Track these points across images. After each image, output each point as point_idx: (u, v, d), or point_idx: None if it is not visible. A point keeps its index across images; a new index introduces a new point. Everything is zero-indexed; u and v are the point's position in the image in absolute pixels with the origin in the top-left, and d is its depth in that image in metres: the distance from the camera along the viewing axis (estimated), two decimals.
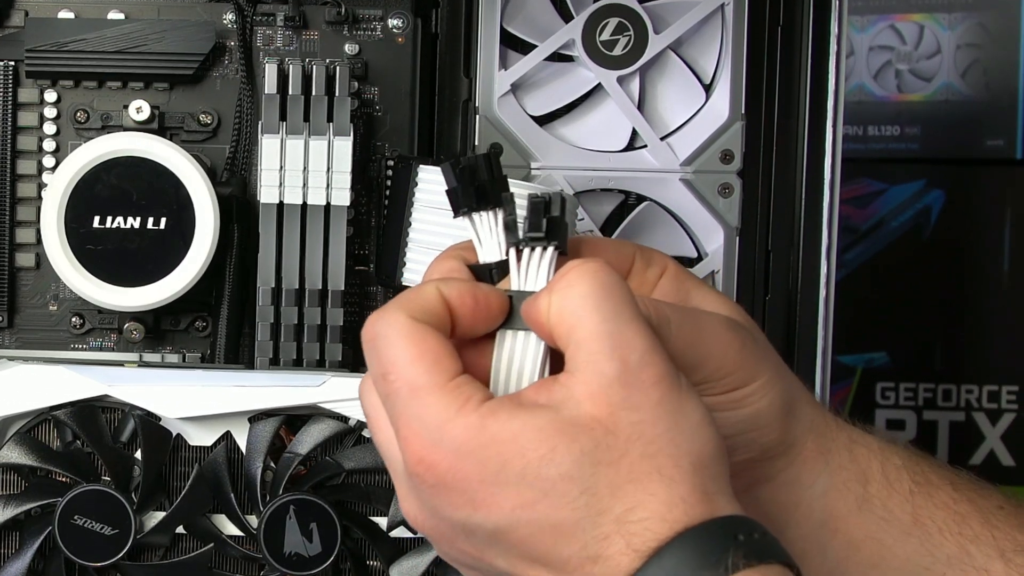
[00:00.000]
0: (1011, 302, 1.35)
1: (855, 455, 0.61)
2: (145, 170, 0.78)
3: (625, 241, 0.62)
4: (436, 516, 0.54)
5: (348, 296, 0.81)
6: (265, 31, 0.82)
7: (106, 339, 0.83)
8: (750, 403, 0.58)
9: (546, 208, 0.55)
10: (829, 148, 0.84)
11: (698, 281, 0.61)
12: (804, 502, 0.61)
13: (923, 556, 0.60)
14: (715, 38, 0.83)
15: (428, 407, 0.52)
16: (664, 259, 0.61)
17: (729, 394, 0.58)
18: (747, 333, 0.58)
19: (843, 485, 0.61)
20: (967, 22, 1.39)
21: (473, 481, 0.51)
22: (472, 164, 0.57)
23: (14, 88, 0.81)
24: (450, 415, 0.52)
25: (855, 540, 0.61)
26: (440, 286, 0.54)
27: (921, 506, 0.60)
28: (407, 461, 0.53)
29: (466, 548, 0.54)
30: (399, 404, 0.53)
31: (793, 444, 0.60)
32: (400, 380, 0.53)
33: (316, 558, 0.73)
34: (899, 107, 1.40)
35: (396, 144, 0.83)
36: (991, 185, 1.36)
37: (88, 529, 0.72)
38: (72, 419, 0.73)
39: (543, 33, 0.82)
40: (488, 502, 0.51)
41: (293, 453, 0.74)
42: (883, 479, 0.61)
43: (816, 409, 0.61)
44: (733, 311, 0.60)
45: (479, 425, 0.51)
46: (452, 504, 0.52)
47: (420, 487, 0.53)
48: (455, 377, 0.53)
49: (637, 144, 0.83)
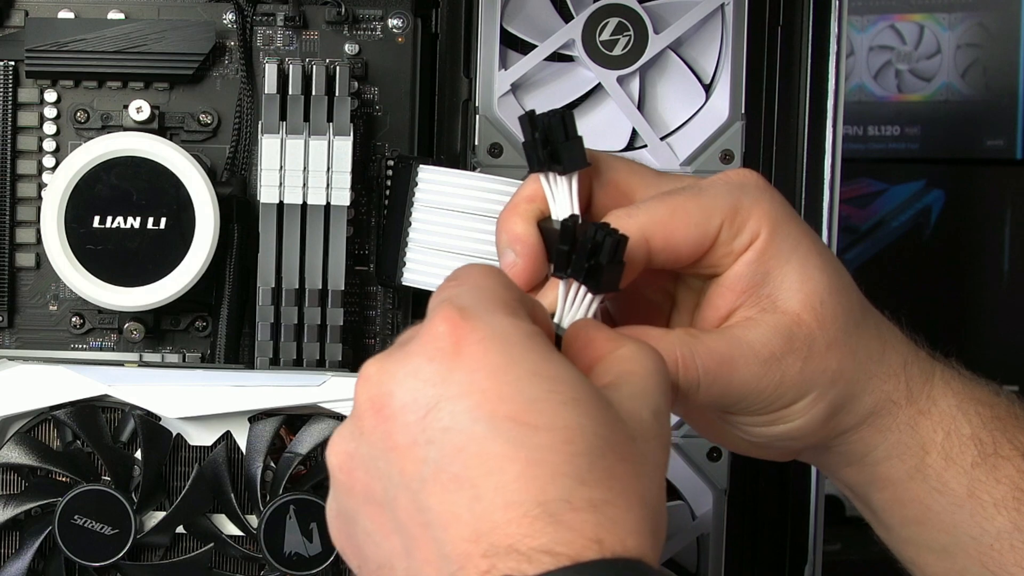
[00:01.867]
0: (1011, 302, 1.35)
1: (918, 428, 0.60)
2: (145, 170, 0.78)
3: (716, 204, 0.57)
4: (406, 378, 0.47)
5: (348, 296, 0.81)
6: (265, 31, 0.82)
7: (106, 339, 0.83)
8: (784, 422, 0.58)
9: (593, 251, 0.52)
10: (829, 148, 0.84)
11: (787, 252, 0.57)
12: (855, 464, 0.61)
13: (972, 527, 0.59)
14: (715, 38, 0.83)
15: (489, 290, 0.49)
16: (758, 224, 0.57)
17: (759, 417, 0.58)
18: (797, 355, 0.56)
19: (898, 457, 0.60)
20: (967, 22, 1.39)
21: (489, 367, 0.46)
22: (548, 122, 0.54)
23: (14, 88, 0.81)
24: (505, 310, 0.48)
25: (903, 500, 0.60)
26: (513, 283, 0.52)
27: (980, 480, 0.59)
28: (433, 316, 0.48)
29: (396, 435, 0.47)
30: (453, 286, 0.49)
31: (841, 433, 0.60)
32: (465, 277, 0.50)
33: (316, 558, 0.73)
34: (899, 107, 1.40)
35: (396, 144, 0.83)
36: (991, 185, 1.36)
37: (88, 529, 0.72)
38: (72, 419, 0.73)
39: (543, 33, 0.82)
40: (485, 395, 0.46)
41: (293, 453, 0.74)
42: (943, 451, 0.59)
43: (882, 394, 0.59)
44: (806, 304, 0.57)
45: (533, 332, 0.48)
46: (447, 374, 0.47)
47: (424, 343, 0.48)
48: (527, 307, 0.50)
49: (637, 144, 0.83)
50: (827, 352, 0.57)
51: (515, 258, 0.55)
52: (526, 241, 0.55)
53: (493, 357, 0.47)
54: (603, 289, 0.53)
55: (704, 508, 0.84)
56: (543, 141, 0.54)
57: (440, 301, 0.49)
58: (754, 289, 0.57)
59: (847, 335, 0.58)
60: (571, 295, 0.53)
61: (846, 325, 0.58)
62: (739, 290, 0.57)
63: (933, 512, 0.60)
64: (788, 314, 0.57)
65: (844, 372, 0.58)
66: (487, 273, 0.50)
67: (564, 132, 0.54)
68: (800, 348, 0.57)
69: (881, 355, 0.60)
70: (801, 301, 0.57)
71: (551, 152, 0.54)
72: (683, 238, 0.57)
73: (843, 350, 0.58)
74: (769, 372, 0.56)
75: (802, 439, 0.59)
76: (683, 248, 0.57)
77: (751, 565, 0.85)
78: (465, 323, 0.47)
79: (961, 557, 0.60)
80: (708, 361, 0.55)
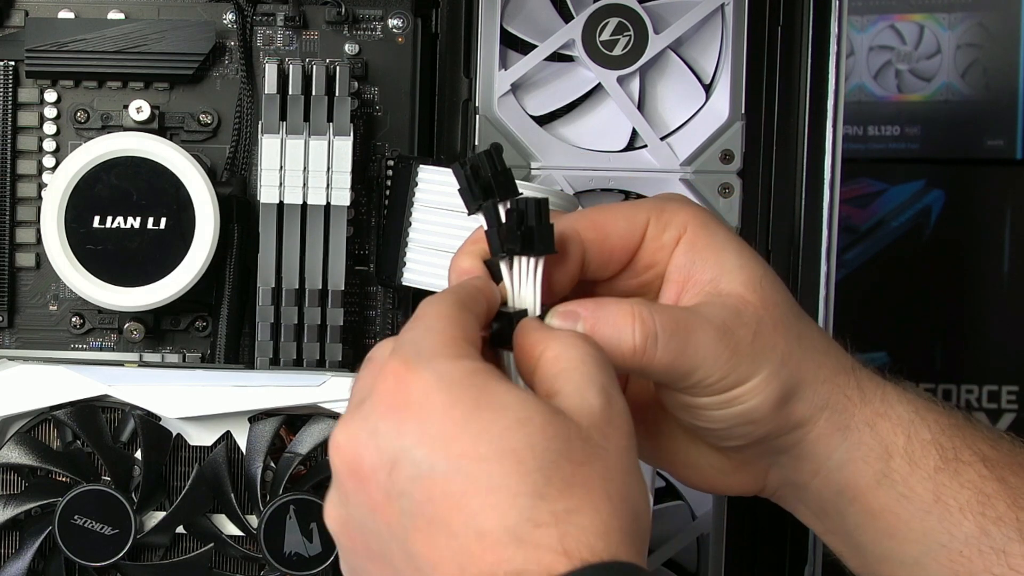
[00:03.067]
0: (1011, 302, 1.35)
1: (878, 430, 0.60)
2: (145, 170, 0.78)
3: (640, 204, 0.61)
4: (368, 440, 0.50)
5: (348, 296, 0.81)
6: (265, 31, 0.82)
7: (106, 339, 0.83)
8: (740, 403, 0.59)
9: (520, 219, 0.55)
10: (829, 148, 0.84)
11: (718, 248, 0.60)
12: (822, 472, 0.61)
13: (941, 534, 0.60)
14: (715, 38, 0.83)
15: (430, 335, 0.51)
16: (683, 222, 0.60)
17: (716, 397, 0.58)
18: (747, 329, 0.58)
19: (862, 460, 0.60)
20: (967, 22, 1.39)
21: (435, 410, 0.49)
22: (476, 162, 0.57)
23: (14, 88, 0.81)
24: (448, 353, 0.51)
25: (873, 510, 0.61)
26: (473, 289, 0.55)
27: (945, 484, 0.60)
28: (382, 370, 0.51)
29: (373, 494, 0.50)
30: (406, 330, 0.52)
31: (799, 425, 0.60)
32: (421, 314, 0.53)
33: (316, 558, 0.73)
34: (899, 107, 1.40)
35: (396, 144, 0.83)
36: (991, 185, 1.36)
37: (88, 529, 0.72)
38: (72, 419, 0.73)
39: (543, 33, 0.82)
40: (438, 440, 0.49)
41: (293, 453, 0.74)
42: (906, 455, 0.60)
43: (834, 387, 0.60)
44: (748, 285, 0.59)
45: (472, 370, 0.51)
46: (398, 428, 0.50)
47: (376, 402, 0.50)
48: (473, 341, 0.52)
49: (637, 144, 0.83)
50: (774, 331, 0.59)
51: None
52: (472, 273, 0.58)
53: (437, 402, 0.50)
54: (541, 250, 0.56)
55: (704, 508, 0.84)
56: (476, 179, 0.57)
57: (390, 352, 0.52)
58: (695, 277, 0.60)
59: (789, 320, 0.60)
60: (516, 276, 0.56)
61: (787, 312, 0.60)
62: (681, 280, 0.60)
63: (903, 521, 0.60)
64: (732, 295, 0.59)
65: (792, 354, 0.59)
66: (438, 313, 0.53)
67: (493, 166, 0.57)
68: (749, 323, 0.58)
69: (827, 350, 0.61)
70: (743, 283, 0.59)
71: (484, 188, 0.57)
72: (613, 230, 0.60)
73: (788, 333, 0.60)
74: (723, 339, 0.58)
75: (760, 423, 0.59)
76: (615, 241, 0.60)
77: (751, 565, 0.85)
78: (409, 374, 0.50)
79: (933, 567, 0.60)
80: (665, 320, 0.57)
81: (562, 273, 0.59)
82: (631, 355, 0.56)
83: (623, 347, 0.56)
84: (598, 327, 0.56)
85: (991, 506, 0.60)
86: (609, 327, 0.56)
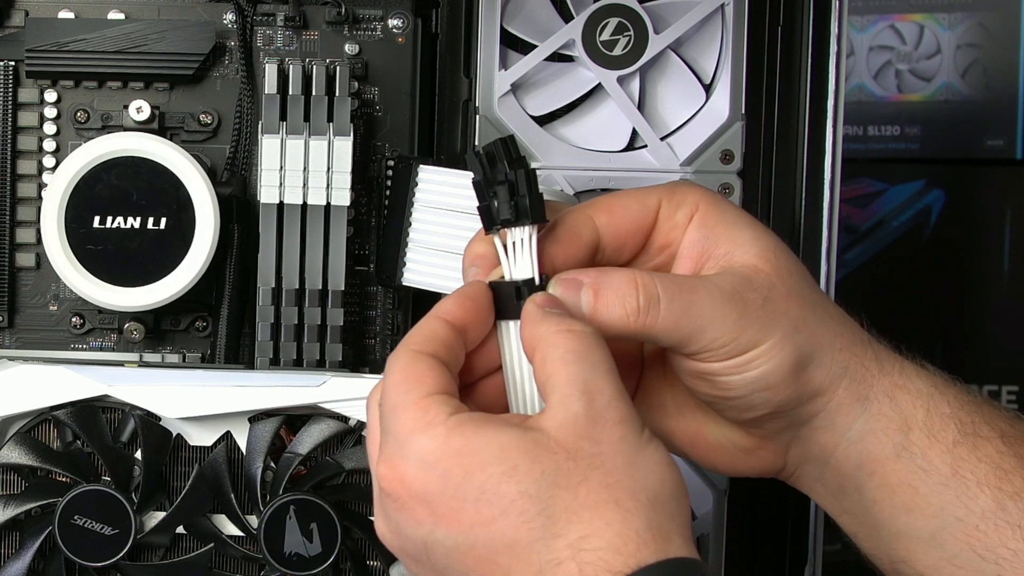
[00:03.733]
0: (1011, 302, 1.35)
1: (897, 401, 0.61)
2: (145, 170, 0.78)
3: (652, 188, 0.62)
4: (401, 535, 0.55)
5: (348, 296, 0.81)
6: (265, 31, 0.82)
7: (106, 339, 0.83)
8: (755, 367, 0.59)
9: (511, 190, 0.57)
10: (829, 148, 0.84)
11: (731, 223, 0.61)
12: (842, 445, 0.61)
13: (957, 507, 0.60)
14: (715, 38, 0.83)
15: (400, 422, 0.54)
16: (695, 201, 0.61)
17: (729, 360, 0.59)
18: (757, 295, 0.59)
19: (882, 431, 0.61)
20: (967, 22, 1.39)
21: (435, 494, 0.52)
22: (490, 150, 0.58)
23: (14, 88, 0.81)
24: (418, 427, 0.53)
25: (891, 484, 0.61)
26: (438, 310, 0.57)
27: (963, 458, 0.60)
28: (378, 474, 0.55)
29: (427, 571, 0.54)
30: (383, 423, 0.55)
31: (818, 394, 0.60)
32: (385, 402, 0.55)
33: (316, 558, 0.73)
34: (899, 107, 1.40)
35: (396, 144, 0.83)
36: (991, 185, 1.36)
37: (88, 529, 0.72)
38: (72, 419, 0.73)
39: (543, 33, 0.82)
40: (448, 517, 0.52)
41: (293, 453, 0.74)
42: (926, 428, 0.61)
43: (852, 355, 0.61)
44: (761, 256, 0.60)
45: (445, 436, 0.53)
46: (415, 519, 0.53)
47: (387, 502, 0.54)
48: (433, 394, 0.54)
49: (637, 144, 0.83)
50: (787, 298, 0.60)
51: (476, 270, 0.60)
52: (485, 257, 0.60)
53: (432, 486, 0.53)
54: (534, 218, 0.57)
55: (704, 508, 0.84)
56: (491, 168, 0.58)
57: (378, 454, 0.55)
58: (709, 251, 0.60)
59: (804, 289, 0.61)
60: (511, 249, 0.58)
61: (802, 281, 0.61)
62: (695, 256, 0.61)
63: (921, 495, 0.61)
64: (746, 266, 0.60)
65: (807, 320, 0.60)
66: (400, 378, 0.55)
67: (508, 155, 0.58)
68: (760, 288, 0.59)
69: (843, 321, 0.62)
70: (756, 254, 0.60)
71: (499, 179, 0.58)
72: (626, 212, 0.61)
73: (803, 301, 0.60)
74: (730, 301, 0.58)
75: (777, 389, 0.59)
76: (628, 223, 0.61)
77: (751, 565, 0.85)
78: (400, 470, 0.53)
79: (950, 543, 0.60)
80: (667, 283, 0.58)
81: (577, 259, 0.60)
82: (634, 317, 0.57)
83: (627, 309, 0.57)
84: (601, 292, 0.57)
85: (1008, 481, 0.60)
86: (612, 291, 0.57)
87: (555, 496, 0.51)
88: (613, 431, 0.53)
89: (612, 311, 0.57)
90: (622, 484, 0.51)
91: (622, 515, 0.51)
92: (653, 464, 0.53)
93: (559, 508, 0.51)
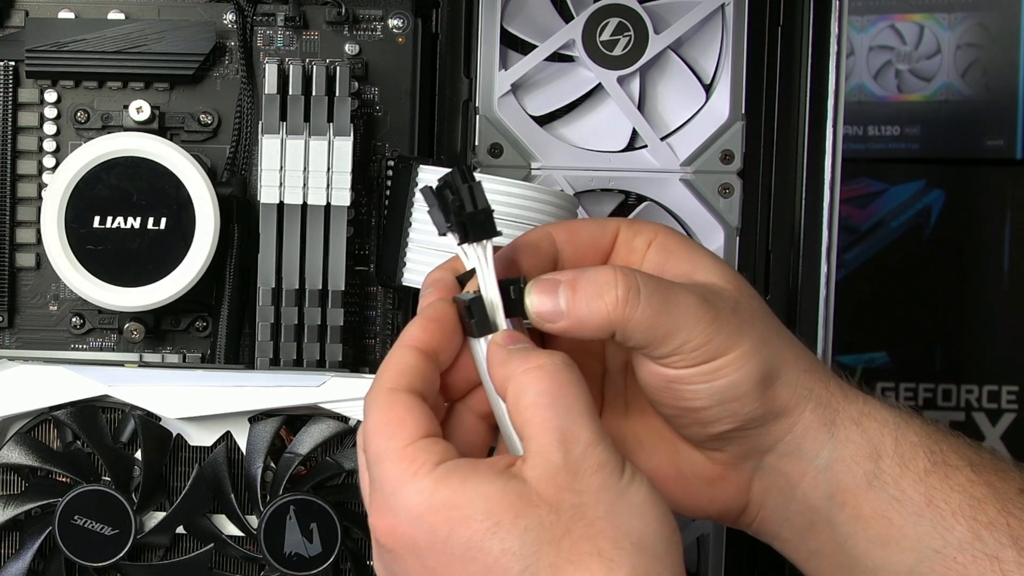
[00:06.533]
0: (1011, 302, 1.35)
1: (865, 429, 0.61)
2: (145, 170, 0.78)
3: (610, 219, 0.64)
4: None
5: (348, 296, 0.81)
6: (265, 31, 0.82)
7: (106, 339, 0.83)
8: (723, 375, 0.59)
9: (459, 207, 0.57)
10: (829, 148, 0.84)
11: (691, 248, 0.62)
12: (810, 473, 0.61)
13: (934, 539, 0.60)
14: (715, 38, 0.83)
15: (386, 472, 0.54)
16: (654, 229, 0.62)
17: (700, 367, 0.59)
18: (726, 305, 0.59)
19: (851, 459, 0.60)
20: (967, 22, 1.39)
21: (424, 549, 0.53)
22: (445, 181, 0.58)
23: (14, 88, 0.81)
24: (404, 480, 0.53)
25: (864, 516, 0.60)
26: (405, 339, 0.57)
27: (936, 487, 0.60)
28: (371, 525, 0.55)
29: None
30: (370, 470, 0.56)
31: (785, 413, 0.60)
32: (369, 449, 0.55)
33: (316, 558, 0.73)
34: (899, 107, 1.40)
35: (396, 144, 0.83)
36: (991, 185, 1.36)
37: (88, 529, 0.72)
38: (72, 419, 0.73)
39: (543, 33, 0.82)
40: (438, 571, 0.53)
41: (293, 453, 0.74)
42: (896, 456, 0.60)
43: (816, 379, 0.61)
44: (723, 277, 0.61)
45: (431, 490, 0.53)
46: (408, 570, 0.54)
47: (382, 551, 0.55)
48: (416, 440, 0.54)
49: (637, 144, 0.83)
50: (752, 315, 0.60)
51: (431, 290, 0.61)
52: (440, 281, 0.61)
53: (421, 541, 0.53)
54: (485, 233, 0.57)
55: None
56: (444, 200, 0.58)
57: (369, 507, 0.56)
58: (670, 271, 0.61)
59: (766, 313, 0.61)
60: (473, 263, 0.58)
61: (762, 307, 0.61)
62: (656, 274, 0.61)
63: (896, 527, 0.60)
64: (709, 283, 0.60)
65: (771, 339, 0.60)
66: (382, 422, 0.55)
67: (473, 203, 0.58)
68: (728, 300, 0.60)
69: (804, 349, 0.62)
70: (717, 275, 0.61)
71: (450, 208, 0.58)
72: (585, 231, 0.62)
73: (766, 322, 0.61)
74: (704, 304, 0.58)
75: (744, 400, 0.59)
76: (586, 239, 0.61)
77: (751, 565, 0.85)
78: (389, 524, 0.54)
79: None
80: (646, 277, 0.58)
81: (540, 269, 0.60)
82: (614, 307, 0.57)
83: (607, 300, 0.57)
84: (579, 285, 0.58)
85: (982, 510, 0.59)
86: (591, 284, 0.58)
87: (539, 552, 0.51)
88: (593, 479, 0.53)
89: (592, 303, 0.57)
90: (604, 533, 0.52)
91: (605, 566, 0.51)
92: (635, 507, 0.53)
93: (543, 564, 0.51)
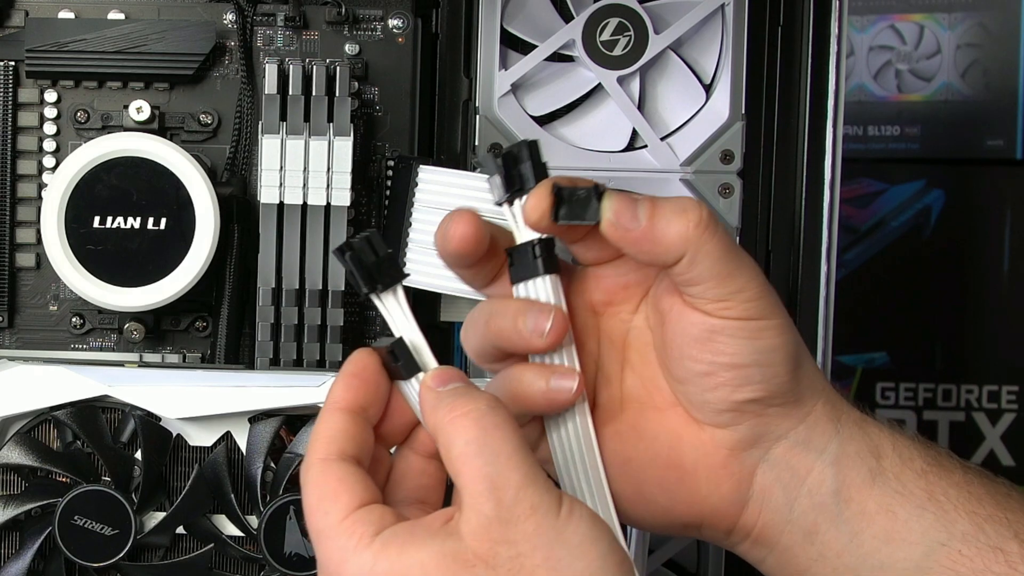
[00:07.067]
0: (1011, 302, 1.35)
1: (866, 430, 0.61)
2: (145, 170, 0.78)
3: None
4: None
5: (348, 296, 0.81)
6: (265, 31, 0.82)
7: (106, 339, 0.83)
8: (767, 336, 0.59)
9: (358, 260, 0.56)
10: (829, 148, 0.84)
11: None
12: (817, 468, 0.61)
13: (939, 532, 0.60)
14: (715, 38, 0.83)
15: (328, 551, 0.54)
16: None
17: (749, 321, 0.58)
18: None
19: (855, 455, 0.61)
20: (967, 22, 1.39)
21: None
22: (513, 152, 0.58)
23: (14, 88, 0.81)
24: (345, 557, 0.53)
25: (869, 511, 0.60)
26: (329, 402, 0.56)
27: (935, 483, 0.60)
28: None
29: None
30: (314, 546, 0.56)
31: (803, 399, 0.60)
32: (309, 527, 0.55)
33: (316, 559, 0.73)
34: (899, 107, 1.40)
35: (396, 144, 0.83)
36: (991, 185, 1.36)
37: (88, 529, 0.72)
38: (72, 419, 0.73)
39: (543, 33, 0.82)
40: None
41: (293, 453, 0.74)
42: (895, 455, 0.61)
43: (824, 381, 0.62)
44: None
45: (371, 564, 0.53)
46: None
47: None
48: (351, 512, 0.54)
49: (637, 144, 0.83)
50: None
51: None
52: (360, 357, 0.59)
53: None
54: (388, 283, 0.57)
55: None
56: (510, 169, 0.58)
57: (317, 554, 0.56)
58: None
59: None
60: (387, 312, 0.58)
61: None
62: None
63: (900, 520, 0.60)
64: None
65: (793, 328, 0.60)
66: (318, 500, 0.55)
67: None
68: None
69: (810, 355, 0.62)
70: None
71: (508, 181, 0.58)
72: None
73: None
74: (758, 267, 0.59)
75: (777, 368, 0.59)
76: None
77: (751, 565, 0.85)
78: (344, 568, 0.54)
79: (936, 571, 0.60)
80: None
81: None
82: (694, 228, 0.57)
83: (688, 219, 0.57)
84: (660, 203, 0.57)
85: (981, 505, 0.60)
86: (673, 202, 0.57)
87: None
88: (526, 525, 0.52)
89: (672, 219, 0.57)
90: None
91: None
92: (575, 548, 0.52)
93: None
